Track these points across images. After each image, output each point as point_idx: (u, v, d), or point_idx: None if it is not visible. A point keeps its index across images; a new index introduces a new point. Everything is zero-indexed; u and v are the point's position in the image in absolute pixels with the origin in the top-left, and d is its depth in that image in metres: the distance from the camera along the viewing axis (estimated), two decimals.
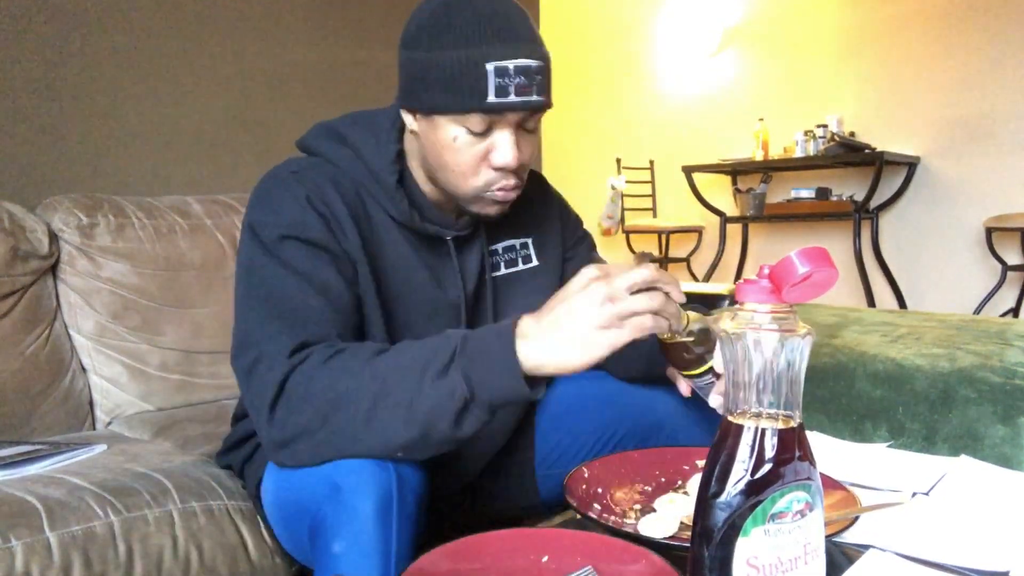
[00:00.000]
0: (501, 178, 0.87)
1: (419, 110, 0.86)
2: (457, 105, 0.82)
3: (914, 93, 4.17)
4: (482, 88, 0.80)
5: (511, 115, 0.83)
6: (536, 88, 0.83)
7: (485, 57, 0.80)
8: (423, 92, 0.84)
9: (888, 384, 1.17)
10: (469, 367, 0.72)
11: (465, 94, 0.81)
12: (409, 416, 0.73)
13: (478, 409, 0.73)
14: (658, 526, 0.75)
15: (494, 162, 0.86)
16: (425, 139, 0.88)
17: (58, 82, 1.73)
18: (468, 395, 0.72)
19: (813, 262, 0.49)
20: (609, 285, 0.72)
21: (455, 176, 0.87)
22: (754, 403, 0.51)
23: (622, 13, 5.41)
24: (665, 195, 5.16)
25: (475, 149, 0.85)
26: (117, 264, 1.55)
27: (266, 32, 2.11)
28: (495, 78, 0.80)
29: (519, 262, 1.04)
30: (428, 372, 0.73)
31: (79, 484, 1.05)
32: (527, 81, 0.82)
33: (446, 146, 0.85)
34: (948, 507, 0.82)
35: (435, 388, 0.72)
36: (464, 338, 0.74)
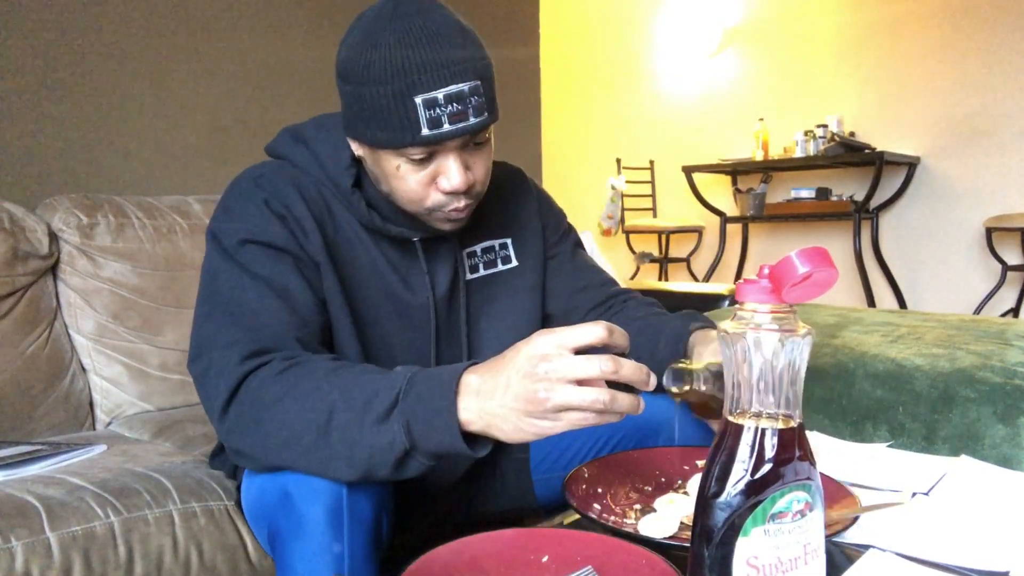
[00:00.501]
0: (452, 200, 0.86)
1: (360, 143, 0.86)
2: (392, 141, 0.80)
3: (914, 93, 4.18)
4: (413, 122, 0.78)
5: (451, 142, 0.81)
6: (473, 110, 0.80)
7: (412, 91, 0.78)
8: (360, 125, 0.83)
9: (888, 384, 1.17)
10: (411, 416, 0.69)
11: (397, 129, 0.79)
12: (351, 458, 0.71)
13: (421, 456, 0.70)
14: (658, 526, 0.74)
15: (441, 187, 0.84)
16: (372, 166, 0.88)
17: (58, 82, 1.73)
18: (407, 446, 0.69)
19: (813, 262, 0.48)
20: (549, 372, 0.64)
21: (405, 201, 0.87)
22: (754, 403, 0.51)
23: (622, 13, 5.41)
24: (665, 195, 5.16)
25: (420, 175, 0.84)
26: (117, 264, 1.55)
27: (266, 32, 2.11)
28: (425, 111, 0.78)
29: (498, 263, 1.04)
30: (370, 414, 0.70)
31: (79, 484, 1.05)
32: (460, 107, 0.79)
33: (391, 175, 0.85)
34: (948, 507, 0.82)
35: (375, 434, 0.69)
36: (409, 382, 0.70)
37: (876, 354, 1.21)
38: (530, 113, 2.85)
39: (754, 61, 4.82)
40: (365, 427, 0.70)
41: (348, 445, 0.70)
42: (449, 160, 0.83)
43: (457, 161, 0.83)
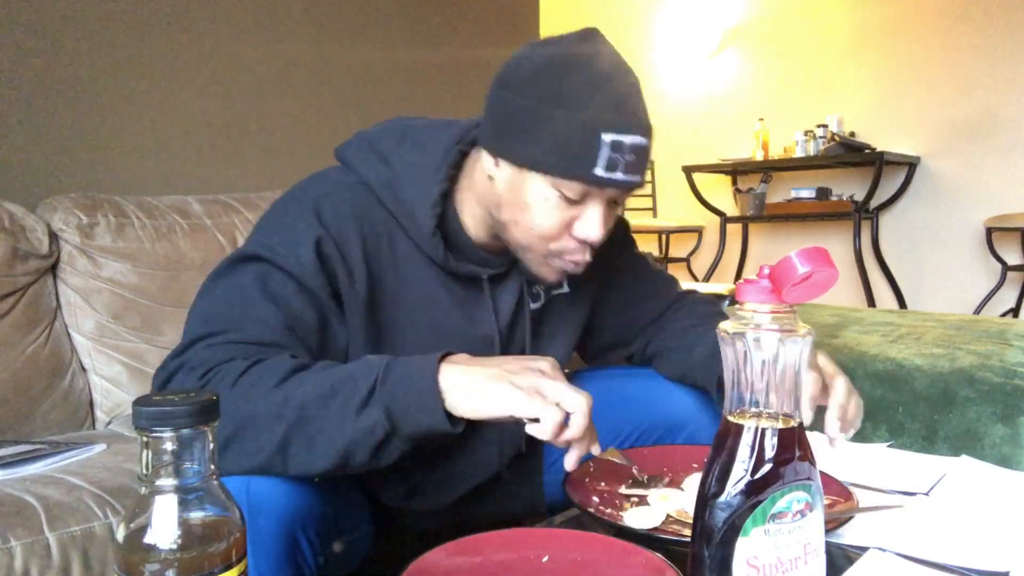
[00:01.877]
0: (578, 250, 0.82)
1: (511, 160, 0.79)
2: (561, 169, 0.76)
3: (914, 93, 4.17)
4: (592, 158, 0.75)
5: (611, 191, 0.78)
6: (641, 168, 0.78)
7: (605, 127, 0.75)
8: (523, 144, 0.77)
9: (888, 384, 1.17)
10: (391, 400, 0.68)
11: (572, 160, 0.75)
12: (326, 448, 0.69)
13: (399, 441, 0.70)
14: (643, 518, 0.76)
15: (577, 233, 0.81)
16: (506, 191, 0.81)
17: (58, 82, 1.73)
18: (388, 429, 0.68)
19: (813, 262, 0.48)
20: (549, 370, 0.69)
21: (529, 236, 0.82)
22: (754, 403, 0.51)
23: (622, 13, 5.41)
24: (665, 195, 5.16)
25: (563, 215, 0.79)
26: (117, 264, 1.55)
27: (267, 32, 2.11)
28: (610, 152, 0.75)
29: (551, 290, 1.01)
30: (349, 404, 0.68)
31: (78, 484, 1.05)
32: (635, 160, 0.77)
33: (531, 205, 0.79)
34: (948, 507, 0.82)
35: (354, 422, 0.68)
36: (386, 368, 0.70)
37: (876, 354, 1.21)
38: None
39: (754, 61, 4.82)
40: (344, 416, 0.68)
41: (325, 435, 0.69)
42: (598, 209, 0.80)
43: (604, 212, 0.80)
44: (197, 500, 0.45)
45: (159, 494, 0.44)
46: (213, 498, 0.46)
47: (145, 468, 0.44)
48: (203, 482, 0.45)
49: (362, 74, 2.32)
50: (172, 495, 0.44)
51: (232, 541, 0.46)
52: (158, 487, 0.44)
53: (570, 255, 0.83)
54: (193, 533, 0.44)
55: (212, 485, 0.46)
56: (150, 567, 0.43)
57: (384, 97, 2.38)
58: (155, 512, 0.44)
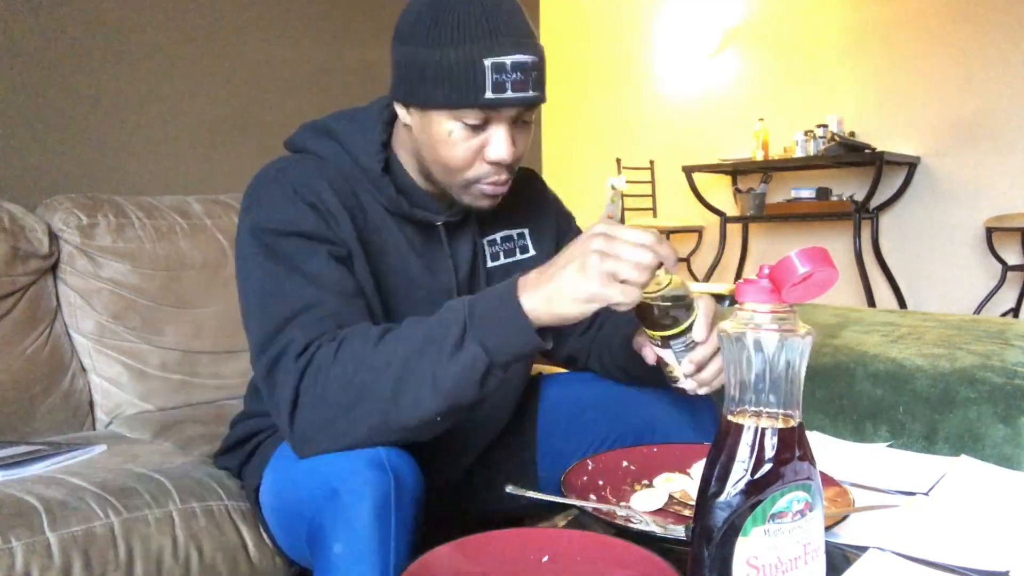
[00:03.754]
0: (493, 172, 0.88)
1: (414, 104, 0.87)
2: (455, 100, 0.82)
3: (914, 93, 4.18)
4: (479, 84, 0.81)
5: (507, 111, 0.84)
6: (532, 83, 0.83)
7: (483, 53, 0.81)
8: (419, 87, 0.84)
9: (888, 384, 1.17)
10: (483, 335, 0.73)
11: (463, 90, 0.81)
12: (435, 391, 0.74)
13: (498, 370, 0.75)
14: (648, 500, 0.77)
15: (488, 156, 0.86)
16: (419, 133, 0.88)
17: (58, 82, 1.73)
18: (488, 361, 0.74)
19: (813, 262, 0.49)
20: (609, 242, 0.72)
21: (448, 169, 0.88)
22: (754, 403, 0.51)
23: (622, 13, 5.41)
24: (665, 195, 5.16)
25: (470, 143, 0.85)
26: (117, 264, 1.55)
27: (267, 32, 2.11)
28: (492, 74, 0.81)
29: (516, 252, 1.05)
30: (444, 347, 0.74)
31: (79, 484, 1.05)
32: (523, 77, 0.82)
33: (441, 140, 0.86)
34: (948, 507, 0.82)
35: (455, 362, 0.74)
36: (471, 306, 0.75)
37: (876, 354, 1.21)
38: None
39: (754, 61, 4.82)
40: (444, 358, 0.74)
41: (431, 380, 0.74)
42: (501, 129, 0.85)
43: (508, 133, 0.85)
44: None
45: None
46: None
47: None
48: None
49: (362, 74, 2.32)
50: None
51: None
52: None
53: (488, 179, 0.88)
54: None
55: None
56: None
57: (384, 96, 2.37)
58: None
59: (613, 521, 0.74)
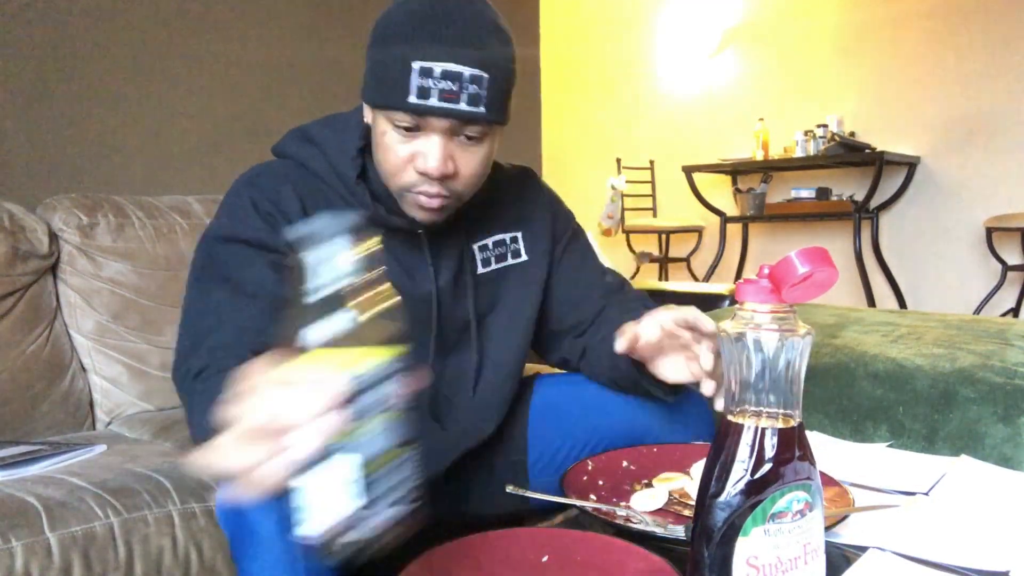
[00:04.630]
0: (423, 183, 0.85)
1: (367, 105, 0.88)
2: (381, 100, 0.82)
3: (914, 93, 4.18)
4: (404, 86, 0.79)
5: (436, 121, 0.81)
6: (467, 98, 0.79)
7: (411, 56, 0.79)
8: (366, 87, 0.86)
9: (888, 384, 1.17)
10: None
11: (389, 90, 0.80)
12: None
13: None
14: (648, 500, 0.77)
15: (416, 166, 0.84)
16: (372, 134, 0.89)
17: (58, 82, 1.73)
18: None
19: (813, 262, 0.48)
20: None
21: (384, 172, 0.88)
22: (754, 403, 0.51)
23: (622, 13, 5.41)
24: (665, 195, 5.16)
25: (402, 148, 0.84)
26: (117, 264, 1.55)
27: (267, 32, 2.11)
28: (418, 79, 0.78)
29: (508, 257, 1.04)
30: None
31: (79, 484, 1.05)
32: (454, 88, 0.79)
33: (379, 143, 0.86)
34: (948, 507, 0.82)
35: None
36: None
37: (876, 354, 1.21)
38: (530, 113, 2.85)
39: (754, 61, 4.82)
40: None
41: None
42: (432, 139, 0.82)
43: (439, 144, 0.82)
44: None
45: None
46: None
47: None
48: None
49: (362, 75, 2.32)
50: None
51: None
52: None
53: (418, 189, 0.86)
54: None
55: None
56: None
57: None
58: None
59: (613, 521, 0.74)
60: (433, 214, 0.89)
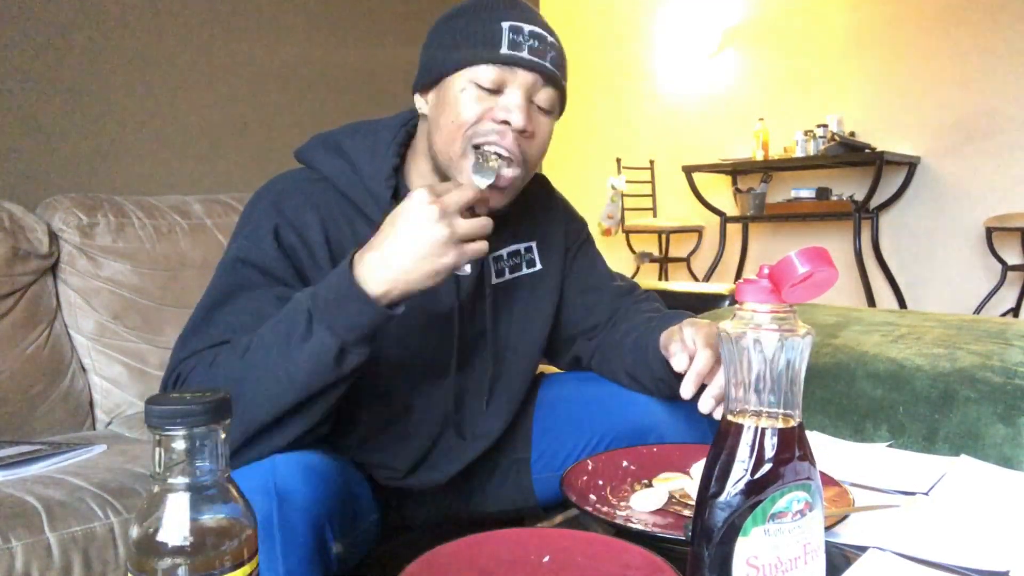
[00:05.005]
0: (498, 135, 0.85)
1: (430, 80, 0.88)
2: (469, 56, 0.83)
3: (914, 93, 4.17)
4: (495, 40, 0.82)
5: (523, 74, 0.84)
6: (551, 60, 0.84)
7: (501, 17, 0.83)
8: (437, 60, 0.86)
9: (888, 384, 1.17)
10: (329, 319, 0.74)
11: (478, 45, 0.83)
12: (294, 382, 0.74)
13: (354, 347, 0.75)
14: (648, 500, 0.77)
15: (497, 115, 0.84)
16: (434, 110, 0.88)
17: (58, 82, 1.73)
18: (339, 342, 0.74)
19: (813, 262, 0.48)
20: (442, 207, 0.73)
21: (452, 132, 0.86)
22: (754, 403, 0.51)
23: (622, 13, 5.41)
24: (665, 195, 5.16)
25: (482, 104, 0.84)
26: (117, 264, 1.55)
27: (267, 32, 2.11)
28: (509, 34, 0.82)
29: (523, 266, 1.03)
30: (292, 340, 0.74)
31: (79, 485, 1.05)
32: (540, 46, 0.83)
33: (452, 104, 0.85)
34: (948, 507, 0.82)
35: (303, 351, 0.74)
36: (313, 295, 0.75)
37: (876, 354, 1.21)
38: None
39: (754, 61, 4.82)
40: (292, 351, 0.74)
41: (286, 374, 0.74)
42: (516, 93, 0.84)
43: (523, 99, 0.84)
44: (209, 498, 0.45)
45: (171, 492, 0.44)
46: (225, 496, 0.46)
47: (158, 466, 0.44)
48: (215, 480, 0.45)
49: (361, 74, 2.32)
50: (184, 493, 0.44)
51: (244, 539, 0.46)
52: (170, 485, 0.44)
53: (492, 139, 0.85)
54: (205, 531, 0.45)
55: (224, 484, 0.46)
56: (162, 565, 0.43)
57: (382, 96, 2.38)
58: (167, 510, 0.44)
59: (613, 521, 0.74)
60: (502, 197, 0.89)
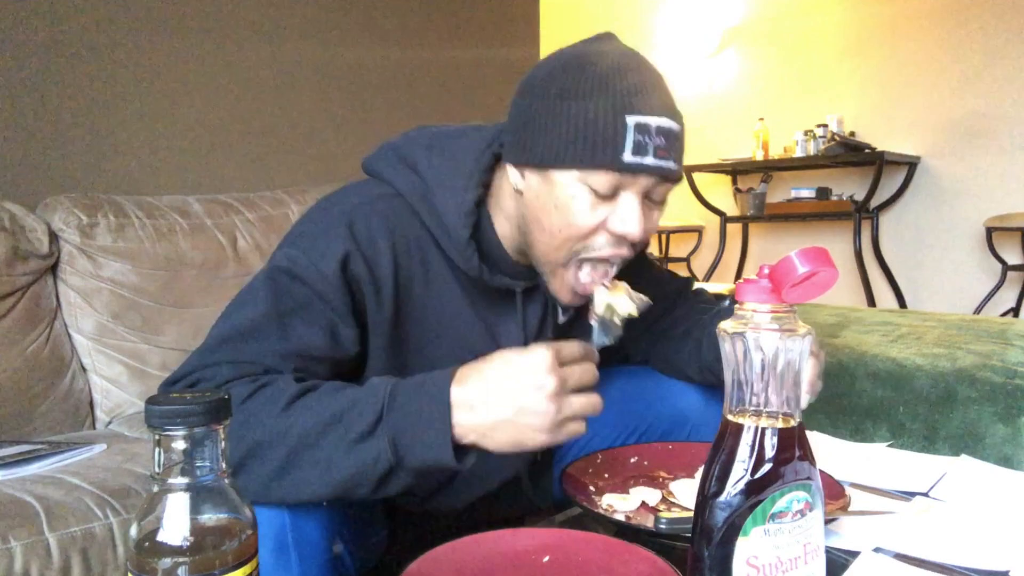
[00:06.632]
0: (612, 247, 0.77)
1: (533, 163, 0.76)
2: (587, 159, 0.72)
3: (914, 93, 4.17)
4: (618, 142, 0.71)
5: (644, 179, 0.74)
6: (675, 155, 0.74)
7: (626, 109, 0.71)
8: (545, 143, 0.74)
9: (889, 384, 1.17)
10: (398, 431, 0.65)
11: (598, 147, 0.71)
12: (327, 477, 0.66)
13: (404, 474, 0.66)
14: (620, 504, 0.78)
15: (613, 227, 0.75)
16: (534, 199, 0.77)
17: (58, 82, 1.73)
18: (393, 462, 0.65)
19: (813, 262, 0.48)
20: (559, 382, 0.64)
21: (558, 239, 0.77)
22: (754, 403, 0.51)
23: (622, 13, 5.41)
24: None
25: (595, 212, 0.75)
26: (117, 264, 1.55)
27: (267, 32, 2.11)
28: (635, 134, 0.71)
29: None
30: (351, 431, 0.65)
31: (78, 484, 1.05)
32: (666, 144, 0.72)
33: (560, 206, 0.75)
34: (948, 507, 0.82)
35: (357, 452, 0.65)
36: (392, 394, 0.66)
37: (876, 354, 1.21)
38: None
39: (754, 61, 4.82)
40: (345, 444, 0.65)
41: (326, 464, 0.66)
42: (633, 200, 0.74)
43: (639, 205, 0.75)
44: (209, 498, 0.45)
45: (171, 492, 0.44)
46: (224, 497, 0.46)
47: (157, 466, 0.44)
48: (215, 481, 0.45)
49: (361, 76, 2.32)
50: (183, 493, 0.44)
51: (244, 540, 0.46)
52: (170, 485, 0.44)
53: (605, 253, 0.78)
54: (205, 531, 0.44)
55: (223, 484, 0.46)
56: (162, 565, 0.43)
57: (383, 98, 2.38)
58: (167, 510, 0.44)
59: (613, 520, 0.74)
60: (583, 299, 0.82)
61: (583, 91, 0.72)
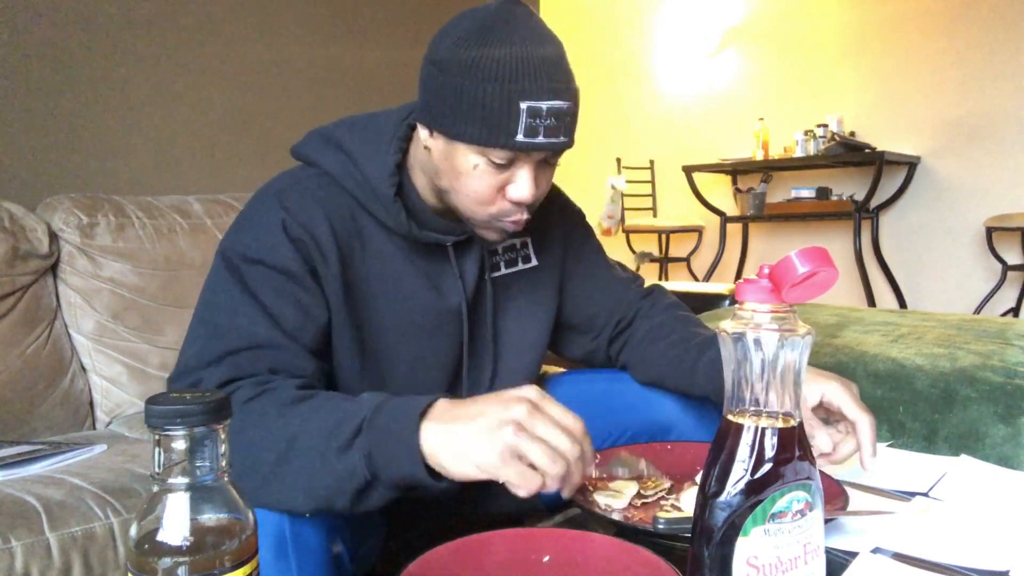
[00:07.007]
0: (515, 211, 0.86)
1: (440, 131, 0.84)
2: (483, 139, 0.80)
3: (914, 93, 4.18)
4: (511, 127, 0.79)
5: (536, 154, 0.83)
6: (564, 130, 0.82)
7: (520, 96, 0.78)
8: (450, 117, 0.81)
9: (889, 384, 1.17)
10: (373, 445, 0.67)
11: (495, 129, 0.79)
12: (309, 488, 0.69)
13: (383, 488, 0.68)
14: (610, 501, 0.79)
15: (510, 195, 0.84)
16: (441, 160, 0.86)
17: (59, 82, 1.73)
18: (368, 476, 0.67)
19: (813, 262, 0.48)
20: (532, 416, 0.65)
21: (468, 201, 0.86)
22: (754, 403, 0.51)
23: (621, 13, 5.41)
24: (665, 195, 5.16)
25: (493, 180, 0.84)
26: (117, 264, 1.55)
27: (267, 32, 2.11)
28: (527, 118, 0.79)
29: (518, 261, 1.04)
30: (332, 443, 0.68)
31: (79, 485, 1.05)
32: (556, 123, 0.81)
33: (464, 172, 0.84)
34: (948, 507, 0.82)
35: (336, 464, 0.67)
36: (377, 408, 0.69)
37: (876, 354, 1.21)
38: None
39: (754, 61, 4.82)
40: (326, 456, 0.67)
41: (307, 475, 0.68)
42: (525, 171, 0.84)
43: (532, 173, 0.84)
44: (209, 498, 0.45)
45: (171, 492, 0.44)
46: (225, 497, 0.46)
47: (157, 466, 0.44)
48: (215, 481, 0.45)
49: (363, 74, 2.32)
50: (184, 493, 0.44)
51: (244, 540, 0.46)
52: (170, 485, 0.44)
53: (508, 217, 0.87)
54: (205, 531, 0.45)
55: (224, 484, 0.46)
56: (162, 565, 0.43)
57: (382, 97, 2.38)
58: (167, 510, 0.44)
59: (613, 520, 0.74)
60: (506, 235, 0.90)
61: (480, 75, 0.79)
